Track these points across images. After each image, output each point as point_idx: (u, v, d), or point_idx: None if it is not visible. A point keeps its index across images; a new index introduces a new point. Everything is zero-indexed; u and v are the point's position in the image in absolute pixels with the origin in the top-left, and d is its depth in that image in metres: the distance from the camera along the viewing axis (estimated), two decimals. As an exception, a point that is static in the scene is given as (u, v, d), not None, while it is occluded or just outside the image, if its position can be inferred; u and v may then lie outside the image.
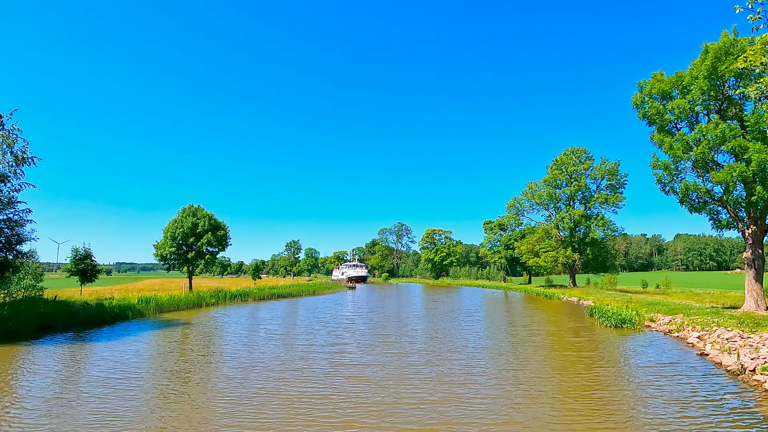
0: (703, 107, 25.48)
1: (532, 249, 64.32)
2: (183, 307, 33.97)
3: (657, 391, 11.15)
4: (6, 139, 23.55)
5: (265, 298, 46.77)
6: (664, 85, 26.86)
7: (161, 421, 8.99)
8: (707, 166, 25.11)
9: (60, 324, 22.47)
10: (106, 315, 25.67)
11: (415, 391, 11.22)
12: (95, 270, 34.71)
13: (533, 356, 15.94)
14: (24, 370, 13.54)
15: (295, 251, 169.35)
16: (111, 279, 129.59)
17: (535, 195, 63.64)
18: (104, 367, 13.97)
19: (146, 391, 11.31)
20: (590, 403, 10.17)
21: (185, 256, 42.15)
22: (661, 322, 23.32)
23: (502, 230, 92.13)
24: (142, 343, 18.80)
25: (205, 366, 14.31)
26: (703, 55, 24.61)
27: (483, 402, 10.30)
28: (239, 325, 25.21)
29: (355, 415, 9.43)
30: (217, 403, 10.30)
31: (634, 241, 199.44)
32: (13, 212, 25.13)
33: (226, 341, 19.23)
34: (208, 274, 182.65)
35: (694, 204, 26.40)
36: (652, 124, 27.95)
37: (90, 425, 8.74)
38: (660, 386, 11.64)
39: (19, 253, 25.61)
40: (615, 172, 56.31)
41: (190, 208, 43.00)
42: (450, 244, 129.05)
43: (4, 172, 24.08)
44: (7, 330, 19.32)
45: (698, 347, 17.23)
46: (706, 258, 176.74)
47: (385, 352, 16.62)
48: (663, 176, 27.32)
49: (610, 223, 56.40)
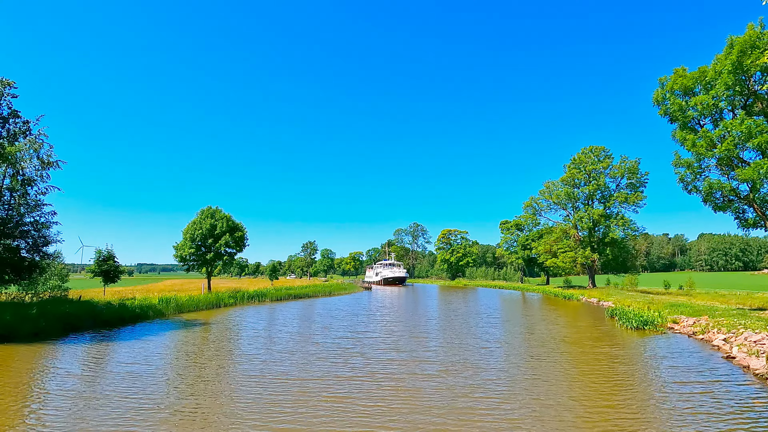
0: (728, 103, 24.73)
1: (549, 249, 63.39)
2: (202, 307, 34.52)
3: (680, 395, 10.86)
4: (33, 143, 24.34)
5: (282, 298, 47.20)
6: (687, 81, 26.16)
7: (184, 417, 9.15)
8: (732, 164, 24.37)
9: (85, 323, 23.07)
10: (129, 315, 26.26)
11: (430, 401, 11.16)
12: (118, 271, 35.55)
13: (551, 360, 15.70)
14: (53, 369, 13.94)
15: (311, 252, 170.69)
16: (132, 280, 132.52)
17: (552, 194, 62.66)
18: (129, 365, 14.29)
19: (169, 387, 11.52)
20: (611, 411, 9.97)
21: (204, 257, 42.82)
22: (684, 324, 22.71)
23: (519, 230, 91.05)
24: (164, 342, 19.17)
25: (224, 364, 14.50)
26: (727, 49, 23.87)
27: (498, 412, 10.19)
28: (257, 324, 25.49)
29: (375, 416, 9.44)
30: (237, 398, 10.43)
31: (656, 240, 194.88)
32: (39, 215, 25.99)
33: (244, 341, 19.46)
34: (227, 275, 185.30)
35: (719, 203, 25.64)
36: (673, 121, 27.25)
37: (117, 420, 8.94)
38: (684, 391, 11.33)
39: (45, 254, 26.45)
40: (635, 170, 55.06)
41: (209, 210, 43.67)
42: (466, 244, 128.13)
43: (30, 176, 24.90)
44: (36, 329, 19.95)
45: (724, 350, 16.71)
46: (731, 258, 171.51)
47: (402, 357, 16.58)
48: (686, 174, 26.62)
49: (630, 223, 55.16)
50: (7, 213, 24.62)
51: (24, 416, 9.36)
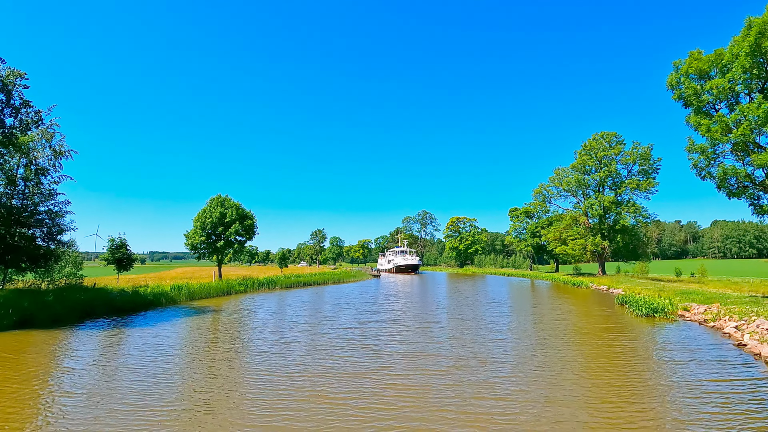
0: (745, 86, 24.07)
1: (559, 236, 62.97)
2: (213, 294, 35.05)
3: (690, 382, 10.83)
4: (45, 134, 24.63)
5: (292, 286, 47.70)
6: (702, 64, 25.49)
7: (196, 400, 9.37)
8: (748, 149, 23.84)
9: (100, 310, 23.58)
10: (142, 302, 26.79)
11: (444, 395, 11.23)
12: (130, 259, 36.16)
13: (562, 352, 15.72)
14: (71, 354, 14.32)
15: (320, 240, 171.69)
16: (145, 267, 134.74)
17: (562, 181, 62.00)
18: (144, 349, 14.62)
19: (182, 372, 11.79)
20: (622, 398, 9.99)
21: (214, 245, 43.29)
22: (695, 312, 22.54)
23: (529, 218, 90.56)
24: (177, 328, 19.55)
25: (232, 354, 14.75)
26: (745, 30, 23.15)
27: (510, 401, 10.25)
28: (267, 312, 25.83)
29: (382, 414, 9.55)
30: (248, 382, 10.63)
31: (668, 228, 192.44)
32: (53, 204, 26.41)
33: (253, 329, 19.74)
34: (237, 262, 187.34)
35: (733, 189, 25.16)
36: (688, 105, 26.65)
37: (133, 403, 9.19)
38: (694, 378, 11.30)
39: (60, 242, 26.94)
40: (647, 156, 54.18)
41: (218, 199, 43.99)
42: (475, 232, 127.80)
43: (44, 166, 25.25)
44: (53, 315, 20.46)
45: (735, 337, 16.59)
46: (745, 245, 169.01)
47: (412, 345, 16.69)
48: (699, 160, 26.13)
49: (641, 210, 54.48)
50: (22, 202, 25.06)
51: (43, 398, 9.67)
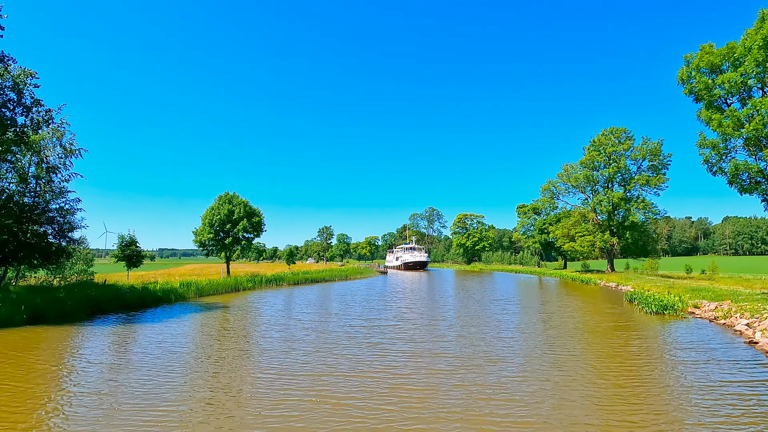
0: (758, 80, 23.68)
1: (567, 233, 62.60)
2: (221, 291, 35.33)
3: (703, 381, 10.73)
4: (55, 132, 24.91)
5: (299, 282, 47.93)
6: (714, 58, 25.12)
7: (203, 396, 9.47)
8: (760, 144, 23.47)
9: (110, 306, 23.88)
10: (152, 298, 27.07)
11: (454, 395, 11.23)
12: (140, 256, 36.58)
13: (571, 351, 15.65)
14: (81, 349, 14.52)
15: (328, 237, 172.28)
16: (154, 264, 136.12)
17: (571, 177, 61.56)
18: (154, 345, 14.79)
19: (190, 367, 11.91)
20: (631, 398, 9.93)
21: (222, 242, 43.59)
22: (706, 309, 22.29)
23: (536, 214, 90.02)
24: (185, 325, 19.73)
25: (240, 352, 14.87)
26: (758, 23, 22.76)
27: (521, 400, 10.23)
28: (274, 308, 25.99)
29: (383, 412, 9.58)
30: (253, 382, 10.72)
31: (678, 224, 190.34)
32: (64, 201, 26.77)
33: (261, 327, 19.87)
34: (245, 259, 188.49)
35: (745, 184, 24.81)
36: (699, 100, 26.28)
37: (139, 402, 9.32)
38: (706, 377, 11.18)
39: (71, 239, 27.32)
40: (657, 152, 53.57)
41: (226, 196, 44.26)
42: (482, 228, 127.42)
43: (55, 164, 25.57)
44: (64, 311, 20.76)
45: (746, 335, 16.38)
46: (757, 242, 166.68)
47: (419, 346, 16.70)
48: (710, 156, 25.79)
49: (651, 206, 53.92)
50: (34, 200, 25.42)
51: (51, 396, 9.83)
